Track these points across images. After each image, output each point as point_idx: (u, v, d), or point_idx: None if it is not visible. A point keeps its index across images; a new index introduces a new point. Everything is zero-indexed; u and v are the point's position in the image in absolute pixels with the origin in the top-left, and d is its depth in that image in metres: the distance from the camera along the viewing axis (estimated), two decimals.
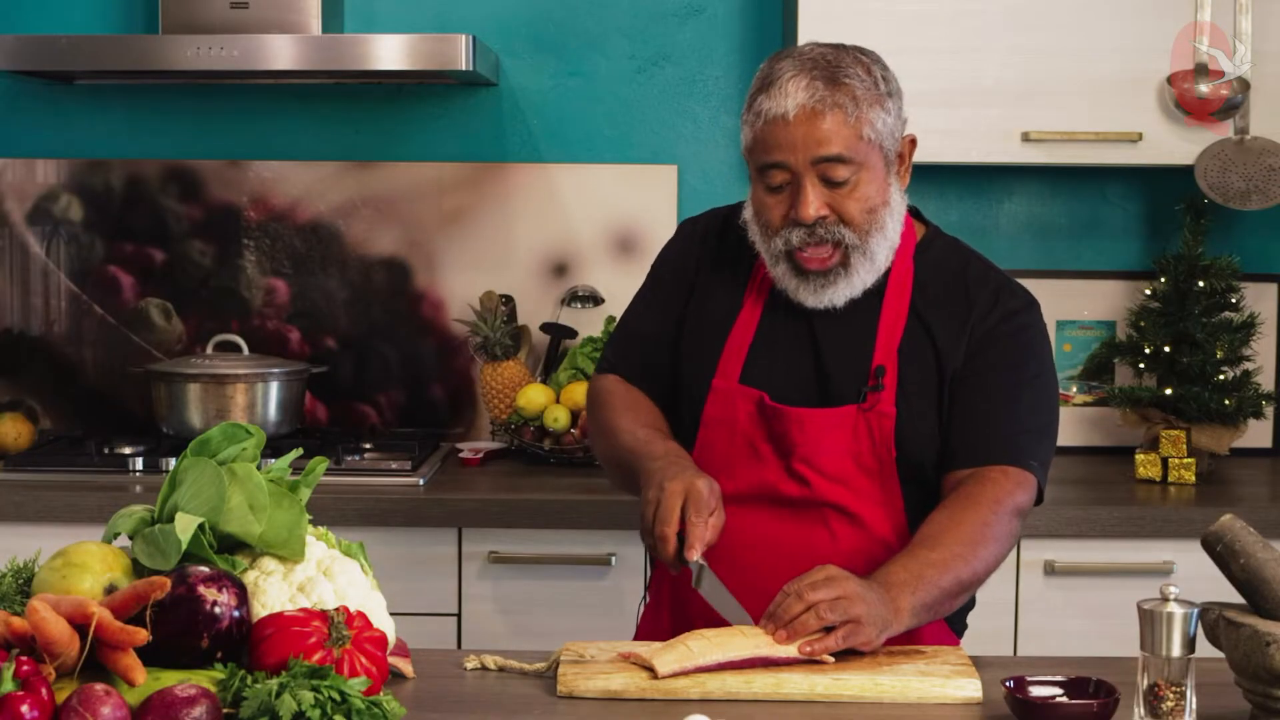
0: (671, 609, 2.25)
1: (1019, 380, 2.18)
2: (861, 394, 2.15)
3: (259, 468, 1.85)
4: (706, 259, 2.30)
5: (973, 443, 2.15)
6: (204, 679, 1.64)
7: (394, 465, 3.14)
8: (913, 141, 2.19)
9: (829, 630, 1.89)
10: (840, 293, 2.15)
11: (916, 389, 2.16)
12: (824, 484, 2.15)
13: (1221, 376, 3.26)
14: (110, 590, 1.75)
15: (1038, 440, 2.18)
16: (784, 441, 2.17)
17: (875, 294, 2.19)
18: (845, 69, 2.10)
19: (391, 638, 1.86)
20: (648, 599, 2.34)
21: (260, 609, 1.76)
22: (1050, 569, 2.94)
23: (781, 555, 2.14)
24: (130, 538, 1.83)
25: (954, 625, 2.26)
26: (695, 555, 1.99)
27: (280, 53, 3.12)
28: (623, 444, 2.22)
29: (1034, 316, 2.23)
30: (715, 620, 2.03)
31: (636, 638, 2.31)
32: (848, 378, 2.17)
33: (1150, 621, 1.67)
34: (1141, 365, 3.33)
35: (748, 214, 2.20)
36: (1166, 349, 3.27)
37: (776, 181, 2.11)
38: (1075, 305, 3.52)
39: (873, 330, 2.18)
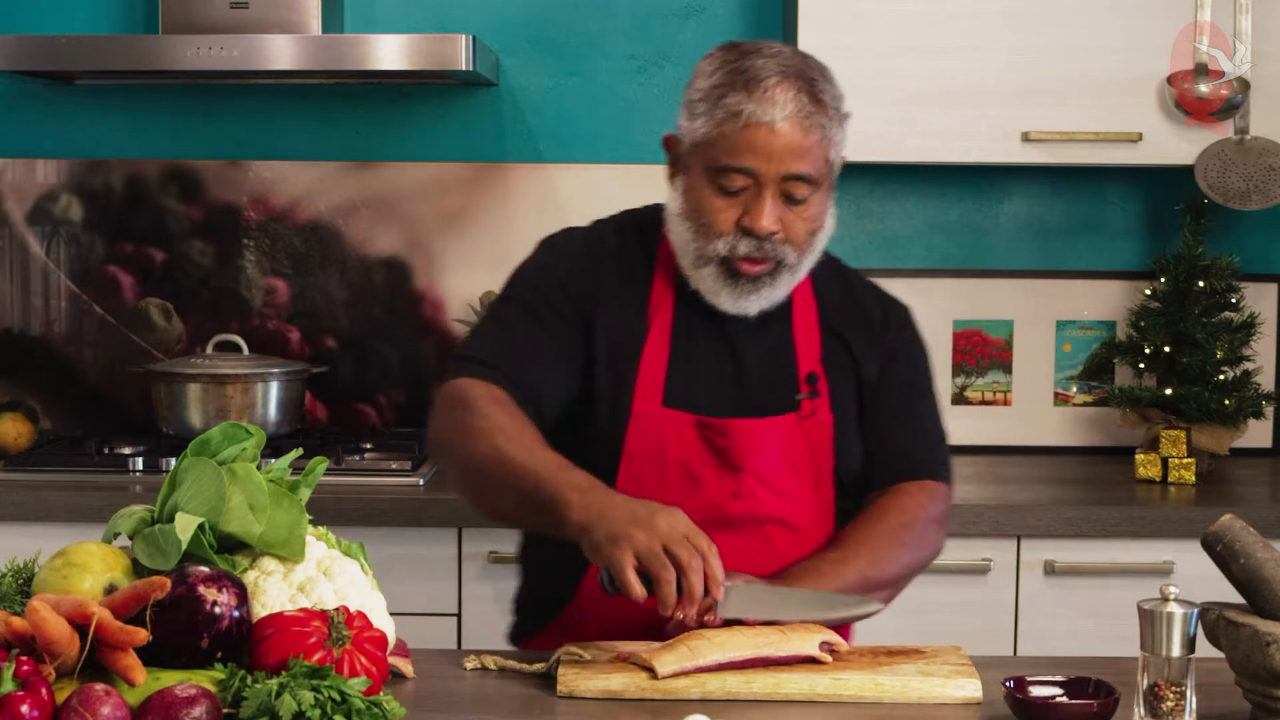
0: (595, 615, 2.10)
1: (919, 393, 2.22)
2: (796, 402, 2.13)
3: (259, 468, 1.84)
4: (608, 281, 2.14)
5: (885, 467, 2.18)
6: (204, 679, 1.64)
7: (394, 465, 3.14)
8: (843, 161, 2.11)
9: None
10: (762, 302, 2.09)
11: (843, 398, 2.16)
12: (770, 497, 2.11)
13: (1221, 376, 3.26)
14: (110, 590, 1.74)
15: (939, 447, 2.23)
16: (729, 458, 2.09)
17: (783, 306, 2.14)
18: (819, 83, 2.02)
19: (391, 638, 1.86)
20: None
21: (260, 609, 1.76)
22: (1050, 569, 2.94)
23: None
24: (130, 538, 1.83)
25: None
26: (720, 592, 1.82)
27: (280, 53, 3.12)
28: (519, 462, 1.94)
29: (915, 321, 2.26)
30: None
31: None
32: (773, 388, 2.13)
33: (1150, 621, 1.67)
34: (1141, 365, 3.33)
35: (676, 208, 2.08)
36: (1166, 349, 3.27)
37: (735, 186, 2.02)
38: (1075, 305, 3.52)
39: (789, 341, 2.15)
